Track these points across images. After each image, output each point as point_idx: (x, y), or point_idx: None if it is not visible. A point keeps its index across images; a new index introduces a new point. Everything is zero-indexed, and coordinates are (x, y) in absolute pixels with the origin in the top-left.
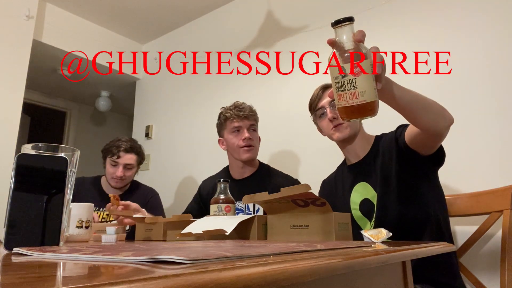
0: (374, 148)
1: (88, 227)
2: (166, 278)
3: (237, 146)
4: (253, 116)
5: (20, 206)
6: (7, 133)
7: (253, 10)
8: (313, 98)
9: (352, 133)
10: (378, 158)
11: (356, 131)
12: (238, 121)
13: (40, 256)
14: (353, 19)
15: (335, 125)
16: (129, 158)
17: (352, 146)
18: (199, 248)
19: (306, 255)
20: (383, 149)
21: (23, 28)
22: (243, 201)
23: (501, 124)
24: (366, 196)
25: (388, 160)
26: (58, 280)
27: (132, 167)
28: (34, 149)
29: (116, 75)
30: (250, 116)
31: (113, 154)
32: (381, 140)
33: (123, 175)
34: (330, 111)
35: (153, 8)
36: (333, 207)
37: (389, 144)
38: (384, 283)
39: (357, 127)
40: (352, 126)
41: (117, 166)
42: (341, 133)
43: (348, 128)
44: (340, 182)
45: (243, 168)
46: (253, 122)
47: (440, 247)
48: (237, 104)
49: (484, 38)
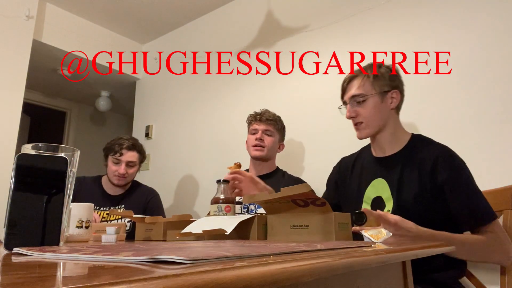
0: (406, 151)
1: (88, 227)
2: (166, 278)
3: (250, 145)
4: (270, 122)
5: (20, 206)
6: (7, 133)
7: (253, 10)
8: (341, 89)
9: (372, 133)
10: (410, 164)
11: (379, 128)
12: (255, 124)
13: (40, 256)
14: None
15: (355, 124)
16: (131, 155)
17: (377, 142)
18: (199, 248)
19: (306, 255)
20: (422, 166)
21: (23, 28)
22: (243, 200)
23: (501, 124)
24: (381, 194)
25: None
26: (58, 280)
27: (134, 164)
28: (34, 149)
29: (116, 75)
30: (267, 121)
31: (116, 152)
32: (421, 148)
33: (126, 173)
34: (349, 109)
35: (153, 8)
36: (342, 187)
37: (434, 174)
38: (384, 283)
39: (380, 124)
40: (371, 125)
41: (120, 163)
42: (360, 133)
43: (367, 128)
44: (359, 167)
45: (260, 166)
46: (269, 128)
47: (439, 247)
48: (261, 111)
49: (485, 38)
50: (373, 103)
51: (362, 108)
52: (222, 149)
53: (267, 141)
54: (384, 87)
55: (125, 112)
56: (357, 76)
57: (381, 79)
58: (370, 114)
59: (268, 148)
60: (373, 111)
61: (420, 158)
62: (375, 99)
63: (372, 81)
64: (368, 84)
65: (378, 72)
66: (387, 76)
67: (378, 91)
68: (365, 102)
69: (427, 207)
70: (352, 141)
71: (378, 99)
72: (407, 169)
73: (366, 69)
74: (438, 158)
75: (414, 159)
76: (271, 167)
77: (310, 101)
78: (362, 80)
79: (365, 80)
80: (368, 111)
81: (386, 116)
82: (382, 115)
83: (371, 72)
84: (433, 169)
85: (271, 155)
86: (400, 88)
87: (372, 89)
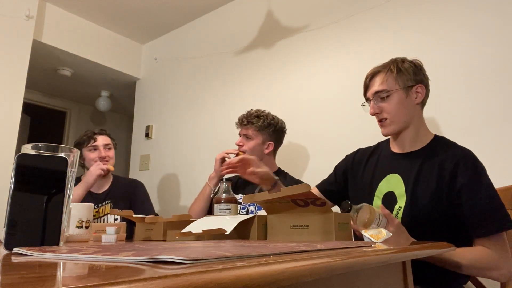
0: (428, 151)
1: (88, 227)
2: (166, 278)
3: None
4: (248, 125)
5: (20, 206)
6: (7, 133)
7: (253, 10)
8: (364, 85)
9: (398, 129)
10: (429, 163)
11: (405, 124)
12: (238, 129)
13: (40, 256)
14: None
15: (379, 120)
16: (104, 138)
17: (399, 138)
18: (199, 248)
19: (306, 255)
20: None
21: (23, 28)
22: (243, 200)
23: (501, 124)
24: (393, 190)
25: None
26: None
27: (111, 147)
28: (34, 149)
29: (116, 75)
30: (244, 125)
31: (89, 139)
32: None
33: (106, 155)
34: (372, 105)
35: (153, 8)
36: (352, 178)
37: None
38: (384, 283)
39: (405, 120)
40: (397, 121)
41: (97, 149)
42: (385, 129)
43: (393, 124)
44: (374, 160)
45: None
46: (247, 131)
47: (439, 247)
48: (245, 113)
49: (486, 37)
50: (398, 98)
51: (386, 104)
52: (222, 149)
53: (245, 146)
54: (408, 81)
55: (125, 112)
56: (380, 72)
57: (405, 73)
58: (395, 109)
59: (247, 152)
60: (397, 106)
61: (441, 159)
62: (400, 94)
63: (395, 76)
64: (391, 79)
65: (401, 67)
66: (411, 70)
67: (402, 86)
68: (389, 97)
69: (440, 209)
70: (354, 142)
71: (402, 94)
72: (426, 168)
73: (389, 65)
74: (460, 161)
75: (435, 159)
76: (270, 169)
77: (310, 101)
78: (385, 75)
79: (388, 75)
80: (393, 106)
81: (412, 111)
82: (407, 110)
83: (394, 67)
84: (454, 171)
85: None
86: (425, 83)
87: (396, 84)
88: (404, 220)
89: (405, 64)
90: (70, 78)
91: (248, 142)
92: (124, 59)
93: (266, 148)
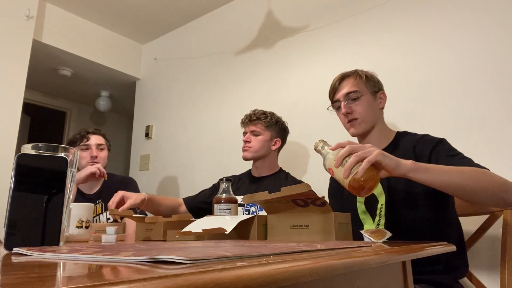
0: (393, 146)
1: (88, 227)
2: (166, 278)
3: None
4: (256, 121)
5: (20, 206)
6: (7, 133)
7: (253, 10)
8: (331, 88)
9: (368, 128)
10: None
11: (372, 125)
12: (244, 128)
13: (40, 256)
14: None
15: (350, 120)
16: (98, 138)
17: (368, 139)
18: (199, 248)
19: (306, 255)
20: (405, 153)
21: (23, 28)
22: (243, 200)
23: (501, 124)
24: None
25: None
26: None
27: (103, 147)
28: (34, 149)
29: (116, 75)
30: (252, 122)
31: (82, 139)
32: (404, 139)
33: (98, 155)
34: (344, 105)
35: (153, 8)
36: (341, 194)
37: (417, 156)
38: (384, 283)
39: (372, 121)
40: (366, 121)
41: (89, 148)
42: (355, 129)
43: (363, 123)
44: None
45: (259, 168)
46: (256, 128)
47: (440, 247)
48: (250, 112)
49: (486, 38)
50: (367, 100)
51: (357, 105)
52: (222, 149)
53: (253, 142)
54: (374, 87)
55: (125, 112)
56: (349, 76)
57: (371, 80)
58: (365, 110)
59: (255, 148)
60: (367, 107)
61: (403, 149)
62: (369, 97)
63: (364, 81)
64: (361, 83)
65: (367, 75)
66: (374, 78)
67: (370, 90)
68: (360, 99)
69: (419, 193)
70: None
71: (371, 97)
72: None
73: (356, 71)
74: (418, 141)
75: (399, 150)
76: (272, 168)
77: (310, 101)
78: (355, 79)
79: (358, 80)
80: (363, 107)
81: (377, 114)
82: (374, 113)
83: (362, 73)
84: (414, 152)
85: (263, 154)
86: (384, 91)
87: (365, 88)
88: (388, 214)
89: (368, 73)
90: (70, 78)
91: (254, 138)
92: (124, 59)
93: (274, 144)
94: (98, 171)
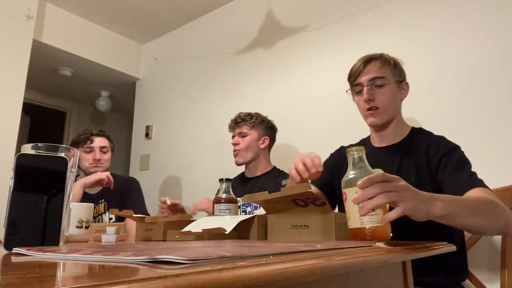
0: (407, 142)
1: (88, 227)
2: (165, 278)
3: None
4: (241, 123)
5: (20, 206)
6: (7, 133)
7: (253, 10)
8: (354, 70)
9: (388, 119)
10: (408, 154)
11: (392, 117)
12: (231, 131)
13: (40, 256)
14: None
15: (370, 108)
16: (102, 140)
17: (385, 131)
18: (199, 248)
19: (306, 255)
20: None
21: (23, 28)
22: (243, 200)
23: (501, 123)
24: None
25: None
26: (58, 280)
27: (107, 150)
28: (34, 149)
29: (116, 75)
30: (238, 124)
31: (86, 140)
32: (419, 137)
33: (101, 158)
34: (367, 91)
35: (153, 8)
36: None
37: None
38: (384, 283)
39: (393, 112)
40: (387, 112)
41: (93, 150)
42: (375, 118)
43: (384, 114)
44: None
45: (252, 168)
46: (241, 129)
47: (440, 247)
48: (234, 116)
49: (486, 37)
50: (391, 89)
51: (380, 93)
52: (222, 149)
53: (242, 143)
54: (400, 76)
55: (125, 112)
56: (376, 59)
57: (397, 68)
58: (388, 99)
59: (244, 149)
60: (391, 97)
61: (417, 148)
62: (393, 86)
63: (391, 68)
64: (388, 70)
65: (395, 62)
66: (401, 67)
67: (396, 79)
68: (384, 87)
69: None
70: (355, 142)
71: (395, 86)
72: (406, 158)
73: (384, 56)
74: (431, 143)
75: (413, 148)
76: (264, 167)
77: (310, 101)
78: (382, 64)
79: (386, 65)
80: (387, 96)
81: (398, 105)
82: (396, 103)
83: (390, 59)
84: (427, 153)
85: (253, 155)
86: (407, 82)
87: (392, 76)
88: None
89: (396, 59)
90: (70, 78)
91: (242, 139)
92: (124, 59)
93: (262, 143)
94: (107, 179)
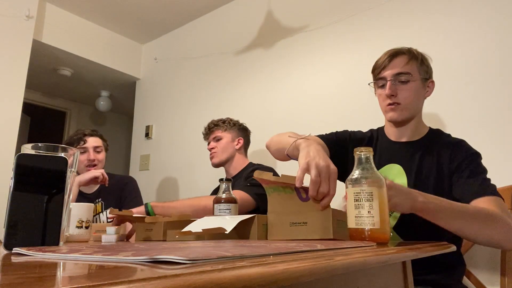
0: (425, 142)
1: (88, 227)
2: (165, 278)
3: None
4: (213, 129)
5: (20, 206)
6: (7, 133)
7: (253, 10)
8: (379, 63)
9: (408, 117)
10: (429, 152)
11: (413, 115)
12: (206, 138)
13: (40, 256)
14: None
15: (392, 103)
16: (95, 140)
17: (404, 128)
18: (199, 248)
19: (306, 255)
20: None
21: (23, 28)
22: (254, 175)
23: (501, 123)
24: (394, 179)
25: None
26: (58, 280)
27: (101, 149)
28: (34, 149)
29: (116, 75)
30: (210, 131)
31: (79, 141)
32: (438, 139)
33: (95, 158)
34: (390, 86)
35: (153, 8)
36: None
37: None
38: (384, 283)
39: (415, 110)
40: (409, 109)
41: (86, 151)
42: (396, 114)
43: (405, 111)
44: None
45: (229, 171)
46: (215, 134)
47: (440, 247)
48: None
49: (487, 37)
50: (416, 86)
51: (404, 89)
52: None
53: (218, 147)
54: (426, 74)
55: (125, 112)
56: (403, 54)
57: (425, 64)
58: (411, 97)
59: (220, 150)
60: (414, 95)
61: (438, 148)
62: (418, 84)
63: (418, 64)
64: (415, 66)
65: (423, 58)
66: (428, 63)
67: (422, 77)
68: (409, 83)
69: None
70: None
71: (420, 84)
72: (426, 159)
73: (412, 51)
74: (455, 146)
75: (433, 149)
76: (239, 166)
77: (310, 101)
78: (409, 59)
79: (412, 60)
80: (411, 93)
81: (421, 104)
82: (419, 101)
83: (419, 54)
84: (450, 155)
85: (228, 156)
86: (433, 80)
87: (418, 72)
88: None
89: (424, 55)
90: (70, 78)
91: (218, 142)
92: (124, 59)
93: (237, 144)
94: (102, 176)
